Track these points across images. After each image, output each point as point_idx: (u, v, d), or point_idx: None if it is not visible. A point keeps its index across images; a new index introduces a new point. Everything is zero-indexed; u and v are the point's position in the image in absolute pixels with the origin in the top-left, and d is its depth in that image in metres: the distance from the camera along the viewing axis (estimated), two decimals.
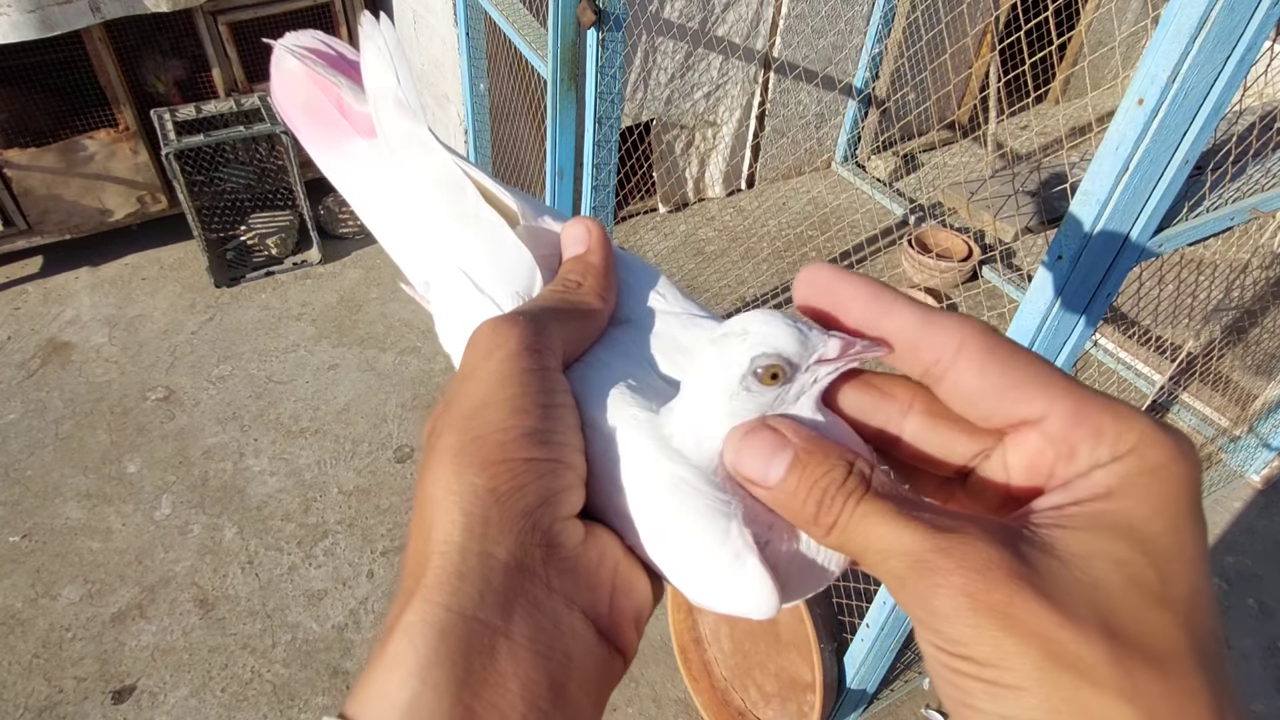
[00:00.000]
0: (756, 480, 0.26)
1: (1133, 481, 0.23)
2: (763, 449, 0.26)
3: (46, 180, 3.07)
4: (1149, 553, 0.22)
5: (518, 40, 2.13)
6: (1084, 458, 0.24)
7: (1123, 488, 0.23)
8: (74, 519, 2.42)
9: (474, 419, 0.26)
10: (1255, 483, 2.70)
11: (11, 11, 2.61)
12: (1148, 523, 0.22)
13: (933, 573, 0.22)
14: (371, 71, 0.34)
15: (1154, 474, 0.23)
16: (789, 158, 3.90)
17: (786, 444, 0.25)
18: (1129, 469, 0.23)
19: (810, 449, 0.25)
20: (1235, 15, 0.80)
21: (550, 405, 0.27)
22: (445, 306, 0.35)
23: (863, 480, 0.24)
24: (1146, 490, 0.23)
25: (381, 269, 3.48)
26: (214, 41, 3.15)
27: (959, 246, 3.37)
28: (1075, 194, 0.98)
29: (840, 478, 0.24)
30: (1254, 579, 2.42)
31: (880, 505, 0.24)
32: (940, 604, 0.22)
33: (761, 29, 3.35)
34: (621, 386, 0.29)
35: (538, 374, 0.27)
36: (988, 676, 0.21)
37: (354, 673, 2.08)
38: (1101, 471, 0.23)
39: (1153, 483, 0.23)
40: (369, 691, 0.24)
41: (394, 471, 2.59)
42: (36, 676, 2.04)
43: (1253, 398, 2.75)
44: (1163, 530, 0.22)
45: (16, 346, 3.01)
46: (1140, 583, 0.22)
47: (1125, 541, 0.22)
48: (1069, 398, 0.24)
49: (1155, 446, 0.23)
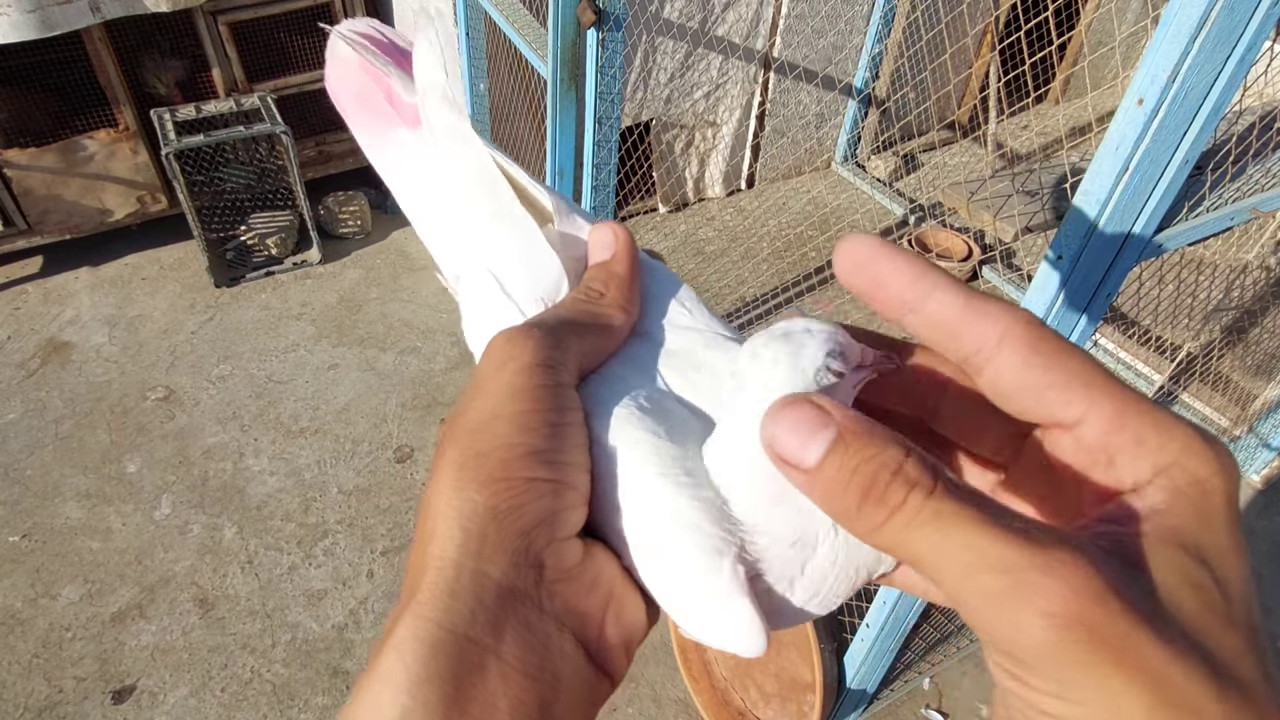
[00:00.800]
0: (792, 460, 0.23)
1: (1182, 496, 0.21)
2: (802, 423, 0.23)
3: (46, 180, 3.07)
4: (1213, 572, 0.21)
5: (518, 40, 2.13)
6: (1124, 467, 0.22)
7: (1175, 503, 0.21)
8: (74, 519, 2.42)
9: (480, 433, 0.26)
10: (1255, 483, 2.70)
11: (11, 11, 2.61)
12: (1203, 540, 0.21)
13: (1035, 595, 0.19)
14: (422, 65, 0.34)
15: (1200, 487, 0.21)
16: (789, 158, 3.90)
17: (830, 421, 0.22)
18: (1176, 482, 0.21)
19: (857, 430, 0.22)
20: (1235, 15, 0.80)
21: (559, 424, 0.27)
22: (471, 306, 0.35)
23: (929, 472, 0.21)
24: (1196, 505, 0.21)
25: (381, 269, 3.48)
26: (214, 41, 3.15)
27: (959, 246, 3.37)
28: (1075, 194, 0.98)
29: (894, 464, 0.21)
30: (1254, 579, 2.41)
31: (961, 507, 0.21)
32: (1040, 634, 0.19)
33: (761, 29, 3.35)
34: (632, 406, 0.29)
35: (549, 390, 0.27)
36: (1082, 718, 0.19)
37: (354, 673, 2.08)
38: (1151, 485, 0.22)
39: (1200, 497, 0.21)
40: (361, 705, 0.24)
41: (394, 471, 2.59)
42: (36, 676, 2.04)
43: (1253, 398, 2.75)
44: (1218, 547, 0.21)
45: (16, 346, 3.01)
46: (1212, 605, 0.20)
47: (1193, 560, 0.21)
48: (1111, 402, 0.22)
49: (1198, 458, 0.21)
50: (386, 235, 3.67)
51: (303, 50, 3.37)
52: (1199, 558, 0.21)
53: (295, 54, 3.37)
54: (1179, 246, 1.10)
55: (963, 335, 0.24)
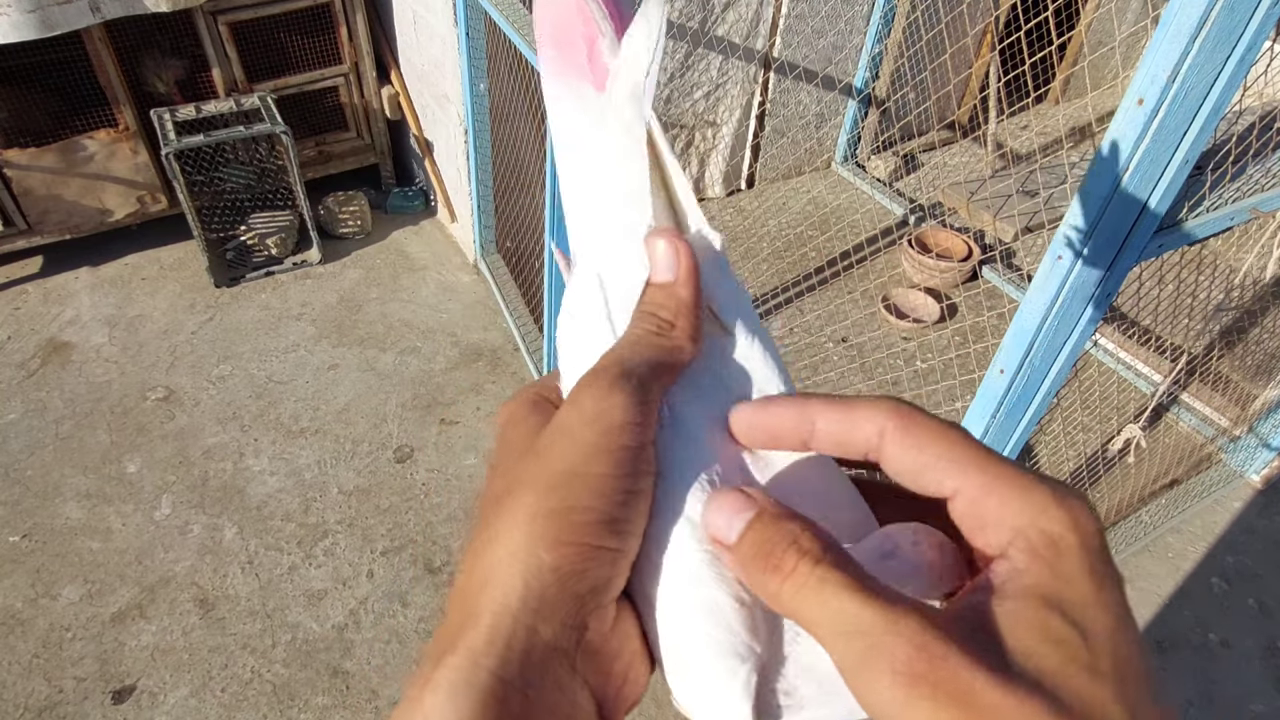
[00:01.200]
0: (720, 537, 0.26)
1: (1038, 555, 0.23)
2: (729, 505, 0.26)
3: (46, 180, 3.07)
4: (1075, 625, 0.22)
5: (518, 40, 2.13)
6: (991, 533, 0.24)
7: (1032, 562, 0.23)
8: (74, 519, 2.42)
9: (558, 489, 0.26)
10: (1255, 483, 2.70)
11: (11, 11, 2.61)
12: (1063, 594, 0.22)
13: (886, 656, 0.21)
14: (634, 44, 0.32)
15: (1054, 545, 0.23)
16: (789, 158, 3.91)
17: (753, 504, 0.26)
18: (1032, 542, 0.23)
19: (772, 511, 0.25)
20: (1235, 15, 0.80)
21: (633, 490, 0.27)
22: (571, 304, 0.34)
23: (820, 544, 0.24)
24: (1051, 562, 0.23)
25: (381, 269, 3.48)
26: (214, 41, 3.15)
27: (959, 246, 3.37)
28: (1075, 194, 0.98)
29: (791, 537, 0.24)
30: (1254, 579, 2.42)
31: (840, 576, 0.23)
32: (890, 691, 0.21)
33: (761, 29, 3.35)
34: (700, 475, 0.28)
35: (631, 454, 0.27)
36: None
37: (354, 673, 2.08)
38: (1012, 547, 0.23)
39: (1055, 554, 0.23)
40: None
41: (394, 472, 2.60)
42: (36, 676, 2.04)
43: (1253, 398, 2.75)
44: (1079, 601, 0.22)
45: (16, 346, 3.01)
46: (1074, 657, 0.21)
47: (1054, 616, 0.22)
48: (977, 473, 0.24)
49: (1050, 517, 0.23)
50: (386, 235, 3.67)
51: (303, 50, 3.37)
52: (1060, 613, 0.22)
53: (295, 54, 3.37)
54: (1179, 246, 1.10)
55: (853, 442, 0.27)
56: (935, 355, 3.04)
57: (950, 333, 3.15)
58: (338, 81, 3.50)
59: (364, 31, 3.39)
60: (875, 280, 3.42)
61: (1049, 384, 1.19)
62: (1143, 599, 2.34)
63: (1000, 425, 1.25)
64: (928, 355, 3.05)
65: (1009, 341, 1.15)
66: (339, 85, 3.51)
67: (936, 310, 3.19)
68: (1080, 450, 2.73)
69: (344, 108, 3.59)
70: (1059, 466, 2.67)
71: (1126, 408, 2.91)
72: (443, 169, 3.54)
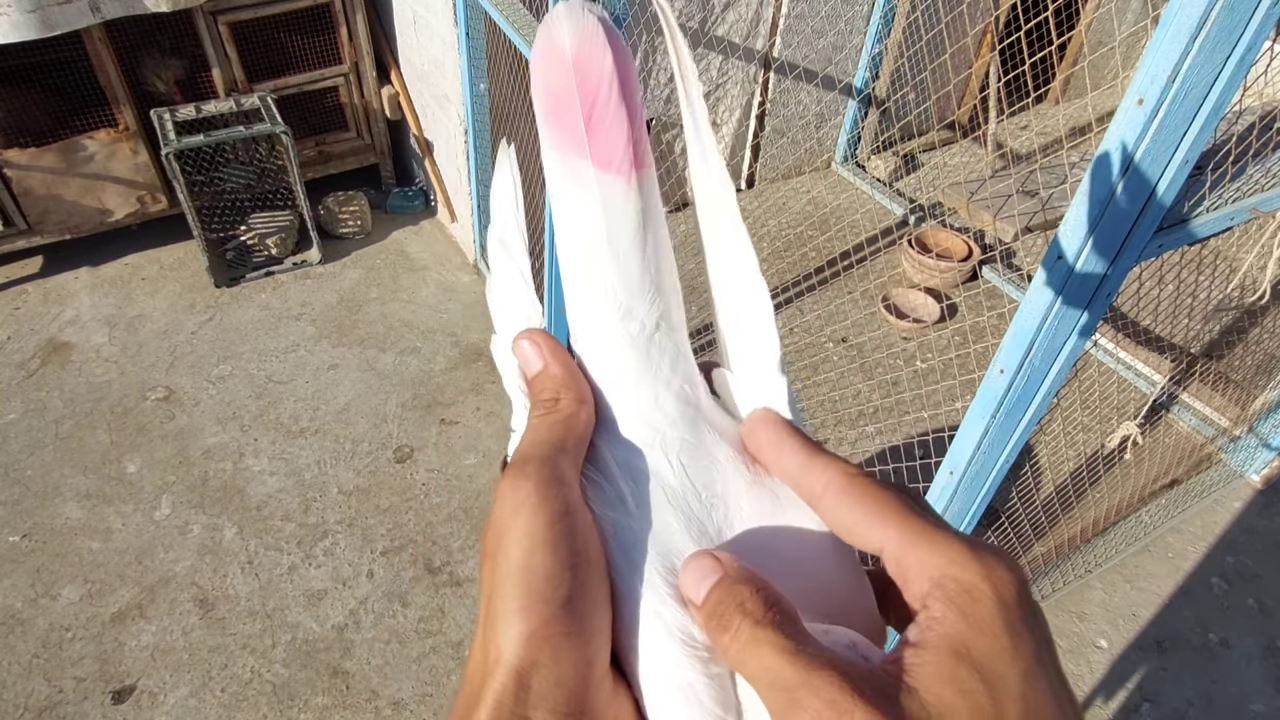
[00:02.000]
0: (690, 597, 0.28)
1: (952, 605, 0.24)
2: (699, 569, 0.28)
3: (46, 180, 3.07)
4: (981, 674, 0.23)
5: (518, 40, 2.13)
6: (913, 585, 0.26)
7: (946, 612, 0.24)
8: (74, 519, 2.42)
9: (514, 589, 0.28)
10: (1255, 483, 2.70)
11: (11, 11, 2.61)
12: (974, 644, 0.24)
13: (802, 710, 0.23)
14: None
15: (968, 595, 0.24)
16: (789, 158, 3.90)
17: (719, 568, 0.28)
18: (947, 592, 0.25)
19: (737, 575, 0.27)
20: (1235, 15, 0.80)
21: (578, 565, 0.29)
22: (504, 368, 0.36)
23: (766, 605, 0.26)
24: (964, 612, 0.24)
25: (381, 269, 3.48)
26: (214, 41, 3.15)
27: (959, 246, 3.37)
28: (1075, 194, 0.98)
29: (740, 598, 0.26)
30: (1254, 579, 2.42)
31: (775, 635, 0.25)
32: None
33: (761, 29, 3.35)
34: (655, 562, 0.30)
35: (564, 532, 0.29)
36: None
37: (354, 673, 2.08)
38: (929, 598, 0.25)
39: (969, 604, 0.24)
40: None
41: (394, 471, 2.60)
42: (36, 676, 2.04)
43: (1253, 398, 2.75)
44: (990, 650, 0.23)
45: (16, 346, 3.01)
46: (980, 708, 0.23)
47: (964, 666, 0.23)
48: (903, 530, 0.26)
49: (964, 568, 0.25)
50: (386, 235, 3.67)
51: (303, 50, 3.37)
52: (970, 662, 0.23)
53: (295, 54, 3.37)
54: (1179, 246, 1.10)
55: (802, 485, 0.30)
56: (935, 355, 3.04)
57: (950, 333, 3.15)
58: (338, 81, 3.50)
59: (364, 31, 3.39)
60: (875, 280, 3.42)
61: (1049, 384, 1.19)
62: (1143, 599, 2.34)
63: (1000, 425, 1.25)
64: (928, 355, 3.05)
65: (1009, 341, 1.15)
66: (339, 85, 3.51)
67: (936, 310, 3.18)
68: (1080, 450, 2.73)
69: (344, 108, 3.59)
70: (1059, 466, 2.67)
71: (1126, 408, 2.91)
72: (443, 169, 3.54)
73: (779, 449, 0.31)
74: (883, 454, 2.66)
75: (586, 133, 0.31)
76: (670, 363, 0.33)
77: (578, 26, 0.30)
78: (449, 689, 2.06)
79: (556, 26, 0.30)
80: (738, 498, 0.32)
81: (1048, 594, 2.31)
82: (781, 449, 0.31)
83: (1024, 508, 2.45)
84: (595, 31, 0.30)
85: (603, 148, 0.31)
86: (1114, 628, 2.27)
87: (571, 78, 0.30)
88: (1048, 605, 2.30)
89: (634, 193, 0.31)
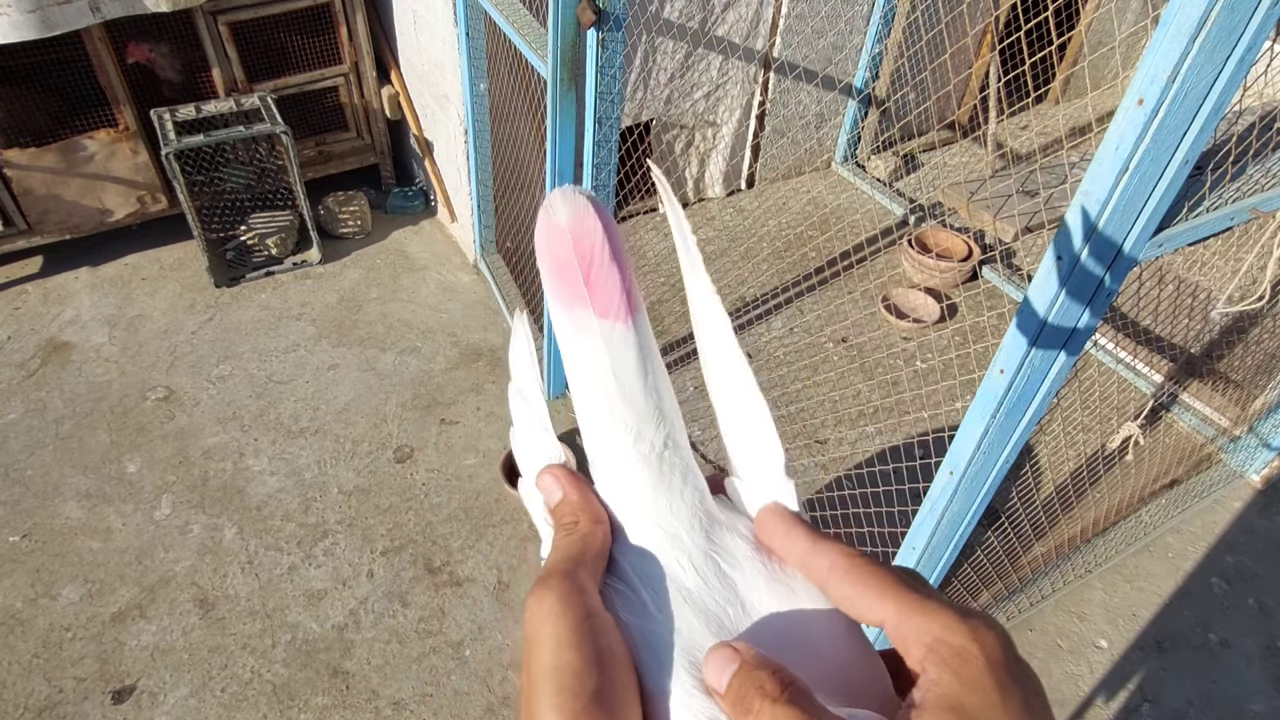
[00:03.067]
0: (714, 688, 0.30)
1: (946, 667, 0.27)
2: (720, 660, 0.30)
3: (46, 180, 3.07)
4: None
5: (518, 40, 2.13)
6: (911, 653, 0.28)
7: (941, 674, 0.27)
8: (74, 519, 2.42)
9: (548, 688, 0.31)
10: (1255, 483, 2.70)
11: (11, 11, 2.61)
12: (968, 702, 0.26)
13: None
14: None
15: (959, 656, 0.27)
16: (789, 158, 3.91)
17: (738, 657, 0.30)
18: (941, 656, 0.27)
19: (754, 662, 0.30)
20: (1235, 15, 0.80)
21: (604, 662, 0.31)
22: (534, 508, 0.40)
23: (782, 685, 0.28)
24: (957, 673, 0.27)
25: (381, 269, 3.48)
26: (214, 41, 3.15)
27: (959, 246, 3.37)
28: (1075, 194, 0.98)
29: (758, 681, 0.29)
30: (1254, 579, 2.42)
31: (790, 711, 0.27)
32: None
33: (761, 29, 3.35)
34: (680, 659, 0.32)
35: (588, 633, 0.32)
36: None
37: (354, 673, 2.08)
38: (925, 662, 0.28)
39: (961, 665, 0.27)
40: None
41: (394, 471, 2.60)
42: (36, 676, 2.04)
43: (1253, 398, 2.75)
44: (984, 706, 0.26)
45: (16, 346, 3.01)
46: None
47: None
48: (898, 604, 0.29)
49: (955, 632, 0.28)
50: (386, 235, 3.67)
51: (303, 50, 3.37)
52: (965, 717, 0.26)
53: (295, 54, 3.37)
54: (1179, 246, 1.10)
55: (810, 568, 0.33)
56: (935, 355, 3.04)
57: (950, 333, 3.15)
58: (338, 81, 3.50)
59: (364, 31, 3.39)
60: (875, 280, 3.42)
61: (1049, 384, 1.19)
62: (1143, 599, 2.34)
63: (1000, 425, 1.25)
64: (928, 355, 3.05)
65: (1009, 341, 1.15)
66: (339, 85, 3.51)
67: (936, 310, 3.19)
68: (1080, 450, 2.73)
69: (344, 108, 3.59)
70: (1059, 466, 2.67)
71: (1126, 408, 2.91)
72: (443, 169, 3.54)
73: (787, 537, 0.35)
74: (883, 454, 2.66)
75: (587, 288, 0.36)
76: (680, 476, 0.37)
77: (572, 206, 0.35)
78: (449, 689, 2.06)
79: (555, 207, 0.36)
80: (758, 591, 0.35)
81: (1048, 594, 2.31)
82: (789, 536, 0.34)
83: (1024, 508, 2.45)
84: (586, 208, 0.36)
85: (602, 299, 0.36)
86: (1114, 628, 2.27)
87: (570, 246, 0.36)
88: (1048, 605, 2.30)
89: (632, 334, 0.36)
